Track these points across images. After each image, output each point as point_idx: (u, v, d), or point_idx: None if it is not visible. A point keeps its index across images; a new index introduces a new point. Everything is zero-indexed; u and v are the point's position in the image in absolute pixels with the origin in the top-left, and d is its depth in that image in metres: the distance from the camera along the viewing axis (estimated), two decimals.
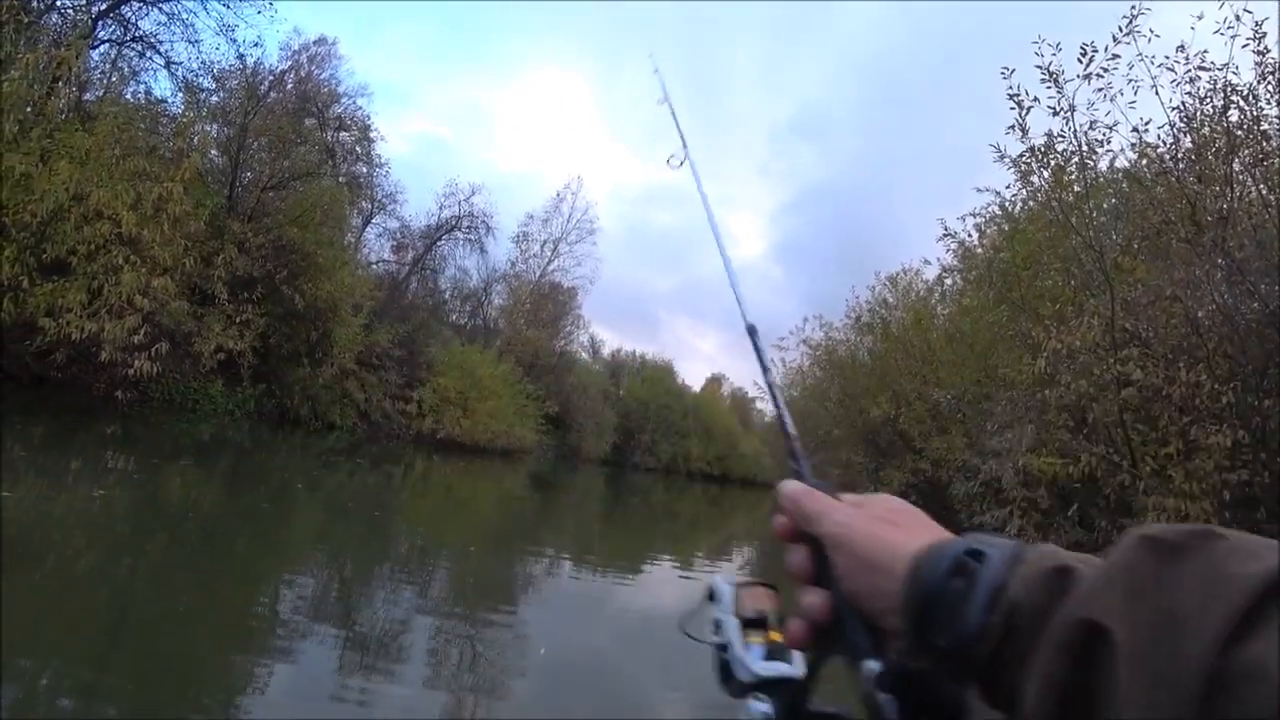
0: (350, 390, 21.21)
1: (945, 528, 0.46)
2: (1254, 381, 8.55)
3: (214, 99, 18.51)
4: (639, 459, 43.13)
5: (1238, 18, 8.41)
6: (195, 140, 16.40)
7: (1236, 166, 8.77)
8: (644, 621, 5.66)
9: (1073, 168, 10.07)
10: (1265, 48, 8.52)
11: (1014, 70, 9.70)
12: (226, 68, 18.52)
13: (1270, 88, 8.61)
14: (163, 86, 27.22)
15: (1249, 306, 8.72)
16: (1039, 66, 9.35)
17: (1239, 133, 8.67)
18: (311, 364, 19.53)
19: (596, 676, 4.18)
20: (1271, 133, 8.78)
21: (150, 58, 17.24)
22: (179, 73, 17.42)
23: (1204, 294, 8.82)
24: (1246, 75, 8.77)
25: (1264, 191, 8.92)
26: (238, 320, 16.55)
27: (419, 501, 11.93)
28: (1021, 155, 10.51)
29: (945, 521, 0.45)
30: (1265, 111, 8.70)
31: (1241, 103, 8.67)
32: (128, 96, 16.74)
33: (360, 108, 25.46)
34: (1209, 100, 8.85)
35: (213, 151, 18.43)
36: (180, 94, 17.58)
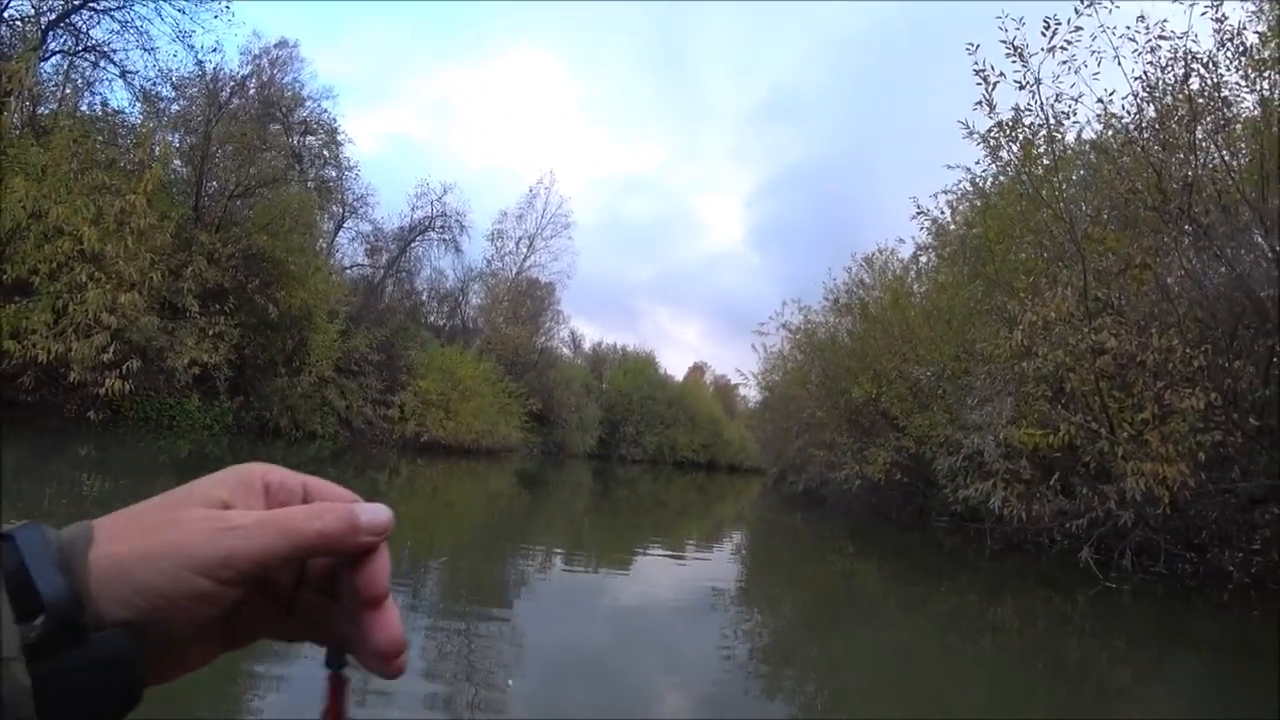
0: (330, 398, 20.96)
1: (930, 503, 0.42)
2: (1224, 344, 8.72)
3: (174, 107, 18.15)
4: (625, 451, 43.17)
5: None
6: (156, 151, 16.05)
7: (1199, 134, 8.91)
8: (638, 612, 5.67)
9: (1041, 141, 10.16)
10: (1223, 15, 8.65)
11: (979, 46, 9.76)
12: (185, 75, 18.16)
13: (1229, 55, 8.75)
14: (119, 97, 26.55)
15: (1216, 271, 8.89)
16: (1004, 41, 9.40)
17: (1200, 100, 8.79)
18: (289, 373, 19.26)
19: (594, 670, 4.17)
20: (1232, 99, 8.92)
21: (105, 67, 16.84)
22: (136, 82, 17.05)
23: (1172, 260, 8.98)
24: (1206, 43, 8.91)
25: (1226, 157, 9.07)
26: (211, 333, 16.26)
27: (406, 505, 11.84)
28: (990, 131, 10.59)
29: (930, 497, 0.43)
30: (1225, 78, 8.84)
31: (1202, 70, 8.80)
32: (83, 108, 16.35)
33: (326, 110, 25.09)
34: (1170, 69, 8.97)
35: (175, 161, 18.06)
36: (138, 104, 17.19)
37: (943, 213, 15.33)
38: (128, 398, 14.01)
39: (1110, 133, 10.11)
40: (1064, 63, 9.28)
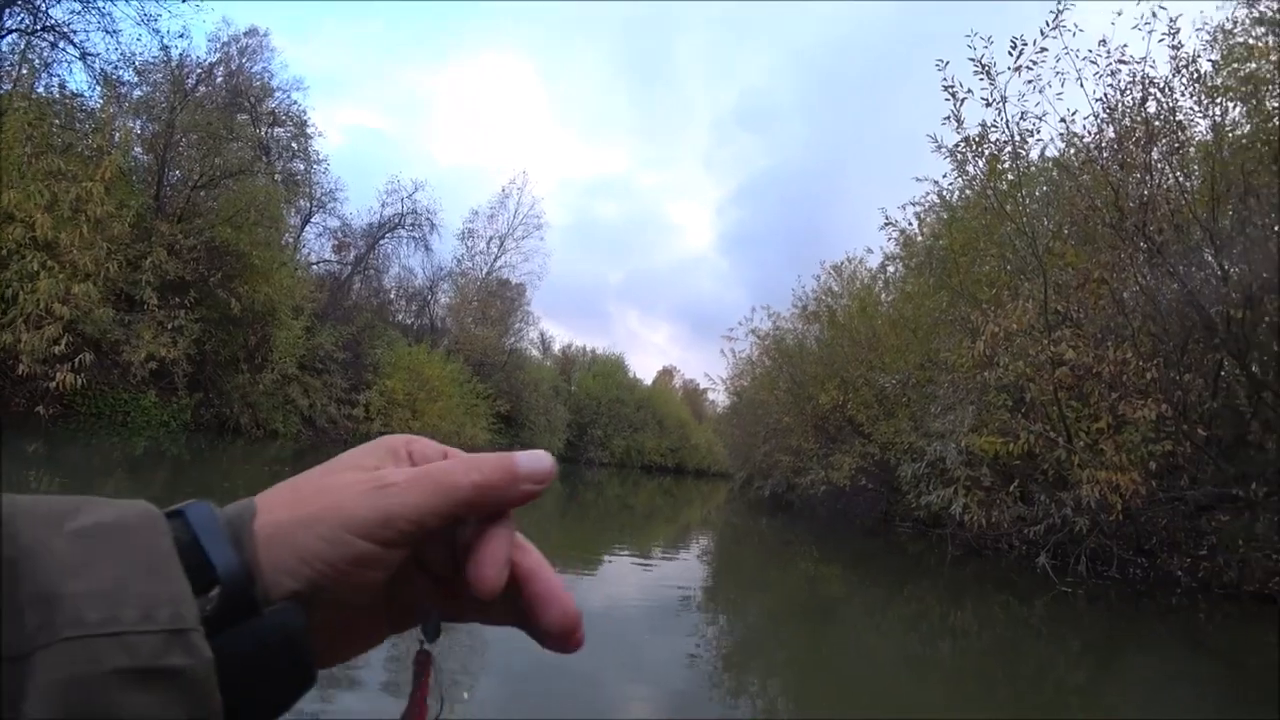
0: (293, 396, 20.52)
1: (894, 508, 0.43)
2: (1175, 357, 9.04)
3: (136, 93, 17.58)
4: (593, 454, 43.07)
5: (1154, 14, 8.86)
6: (116, 137, 15.54)
7: (1155, 155, 9.25)
8: (604, 616, 5.65)
9: (1005, 157, 10.46)
10: (1179, 43, 9.00)
11: (948, 63, 10.01)
12: (149, 60, 17.59)
13: (1184, 81, 9.10)
14: (79, 79, 25.70)
15: (1169, 287, 9.22)
16: (972, 59, 9.66)
17: (1156, 123, 9.14)
18: (251, 370, 18.82)
19: (557, 675, 4.15)
20: (1186, 123, 9.28)
21: (64, 48, 16.23)
22: (96, 65, 16.45)
23: (1128, 276, 9.29)
24: (1163, 69, 9.27)
25: (1180, 179, 9.42)
26: (170, 327, 15.80)
27: None
28: (957, 145, 10.86)
29: (894, 503, 0.44)
30: (1180, 103, 9.19)
31: (1158, 94, 9.15)
32: (40, 90, 15.75)
33: (295, 102, 24.62)
34: (1129, 92, 9.31)
35: (136, 149, 17.53)
36: (98, 87, 16.61)
37: (910, 224, 15.67)
38: (80, 392, 13.54)
39: (1072, 151, 10.44)
40: (1029, 82, 9.59)
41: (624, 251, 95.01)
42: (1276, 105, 8.64)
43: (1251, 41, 9.07)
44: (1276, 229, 8.69)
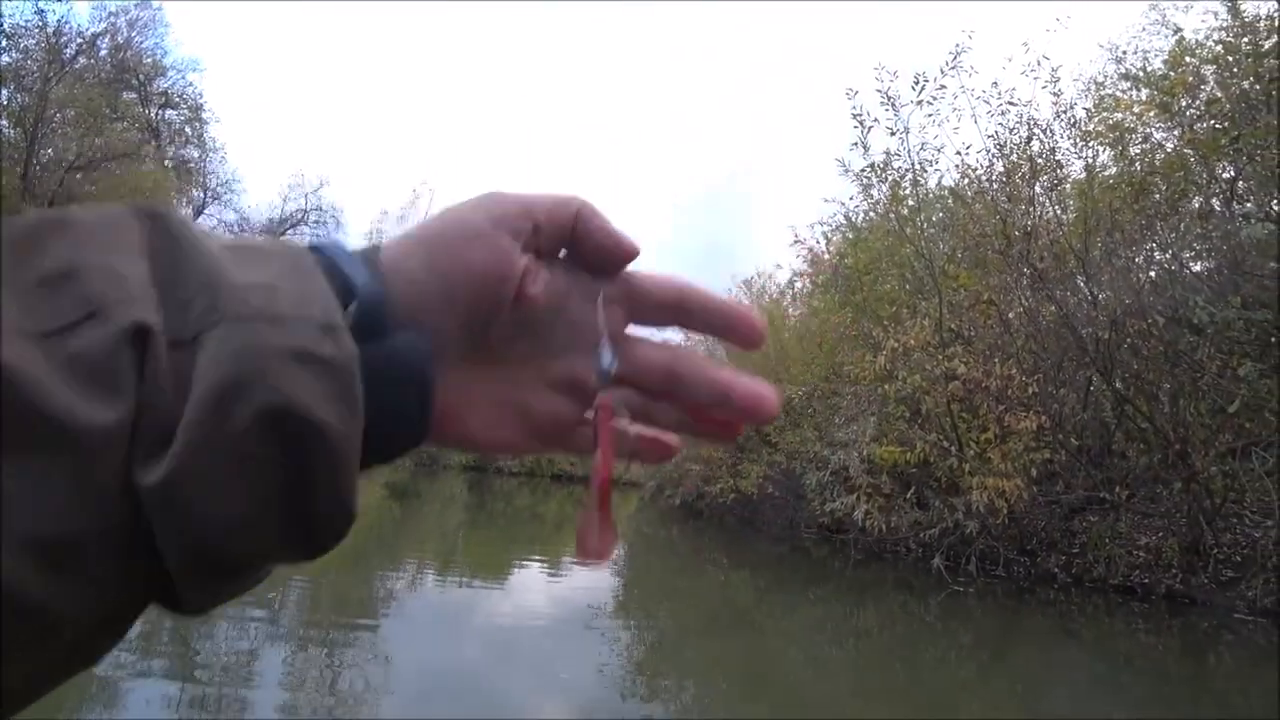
0: None
1: (800, 515, 0.40)
2: (1053, 373, 9.86)
3: (4, 59, 15.94)
4: (502, 463, 42.25)
5: (1038, 62, 9.70)
6: None
7: (1038, 189, 10.11)
8: (513, 628, 5.56)
9: (907, 183, 11.14)
10: (1059, 90, 9.89)
11: (858, 92, 10.57)
12: (21, 24, 16.02)
13: (1063, 125, 10.01)
14: None
15: (1048, 309, 10.05)
16: (879, 90, 10.25)
17: (1039, 160, 9.99)
18: None
19: (466, 688, 4.04)
20: (1064, 162, 10.20)
21: None
22: None
23: (1013, 298, 10.07)
24: (1045, 111, 10.15)
25: (1058, 212, 10.32)
26: None
27: None
28: (863, 170, 11.47)
29: (800, 510, 0.42)
30: (1059, 144, 10.10)
31: (1041, 135, 10.01)
32: None
33: (191, 84, 23.02)
34: (1016, 131, 10.14)
35: (2, 121, 15.89)
36: None
37: (818, 242, 16.37)
38: None
39: (965, 182, 11.25)
40: (930, 115, 10.27)
41: None
42: (1138, 151, 9.65)
43: (1119, 94, 10.10)
44: (1136, 261, 9.67)
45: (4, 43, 15.61)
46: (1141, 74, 9.86)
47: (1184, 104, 8.99)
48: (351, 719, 3.40)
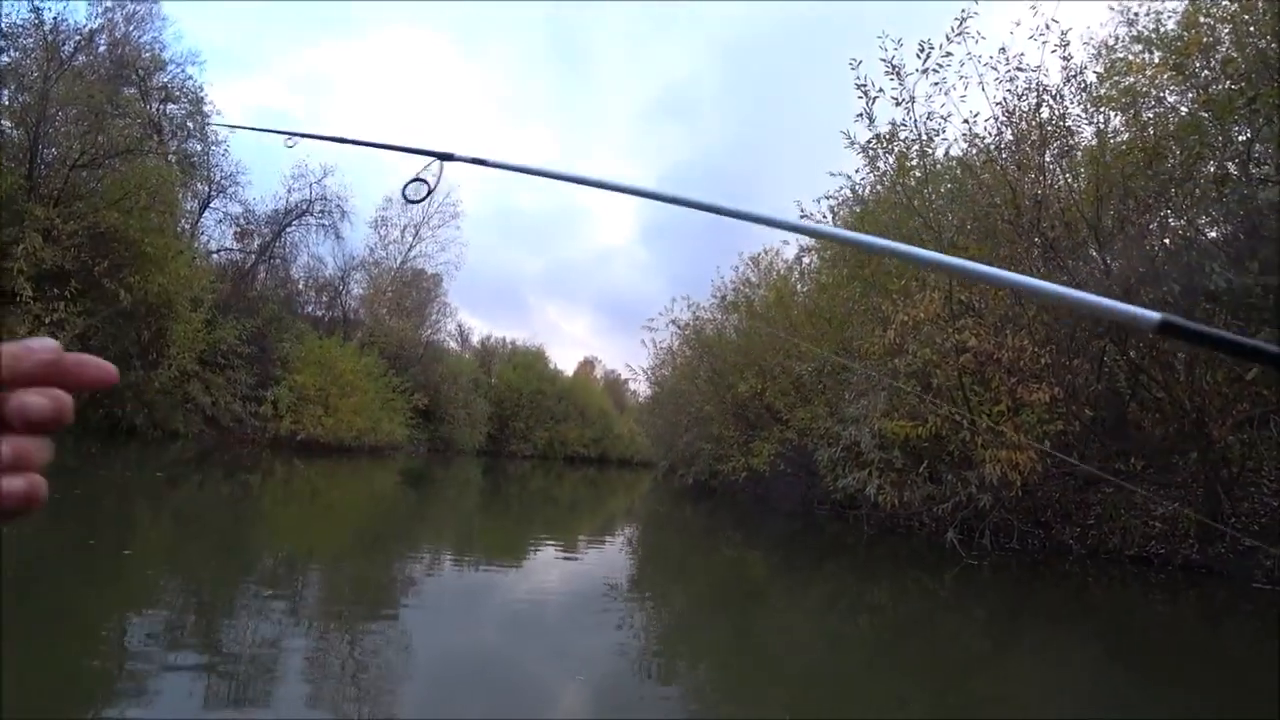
0: (193, 393, 19.30)
1: (813, 492, 0.43)
2: (1065, 344, 9.75)
3: (3, 59, 15.93)
4: (515, 446, 42.54)
5: (1047, 26, 9.46)
6: None
7: (1047, 157, 9.92)
8: (530, 609, 5.62)
9: (914, 155, 10.96)
10: (1069, 54, 9.65)
11: (861, 62, 10.37)
12: (18, 22, 15.99)
13: (1073, 90, 9.78)
14: None
15: (1059, 279, 9.90)
16: (884, 60, 10.05)
17: (1049, 127, 9.79)
18: (145, 366, 17.53)
19: (485, 671, 4.10)
20: (1074, 129, 9.98)
21: None
22: None
23: (1024, 268, 9.93)
24: (1055, 77, 9.93)
25: (1069, 179, 10.13)
26: (48, 321, 14.51)
27: (283, 509, 11.10)
28: (869, 142, 11.29)
29: (813, 487, 0.45)
30: (1069, 110, 9.88)
31: (1051, 101, 9.79)
32: None
33: (191, 77, 22.97)
34: (1025, 98, 9.93)
35: (4, 121, 15.92)
36: None
37: (825, 217, 16.18)
38: None
39: (974, 151, 11.05)
40: (936, 84, 10.07)
41: (543, 241, 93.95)
42: (1151, 116, 9.42)
43: (1130, 57, 9.84)
44: (1150, 228, 9.50)
45: (2, 43, 15.58)
46: (1154, 35, 9.59)
47: (1198, 65, 8.76)
48: (375, 702, 3.45)
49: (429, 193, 1.03)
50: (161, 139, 21.17)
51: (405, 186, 1.03)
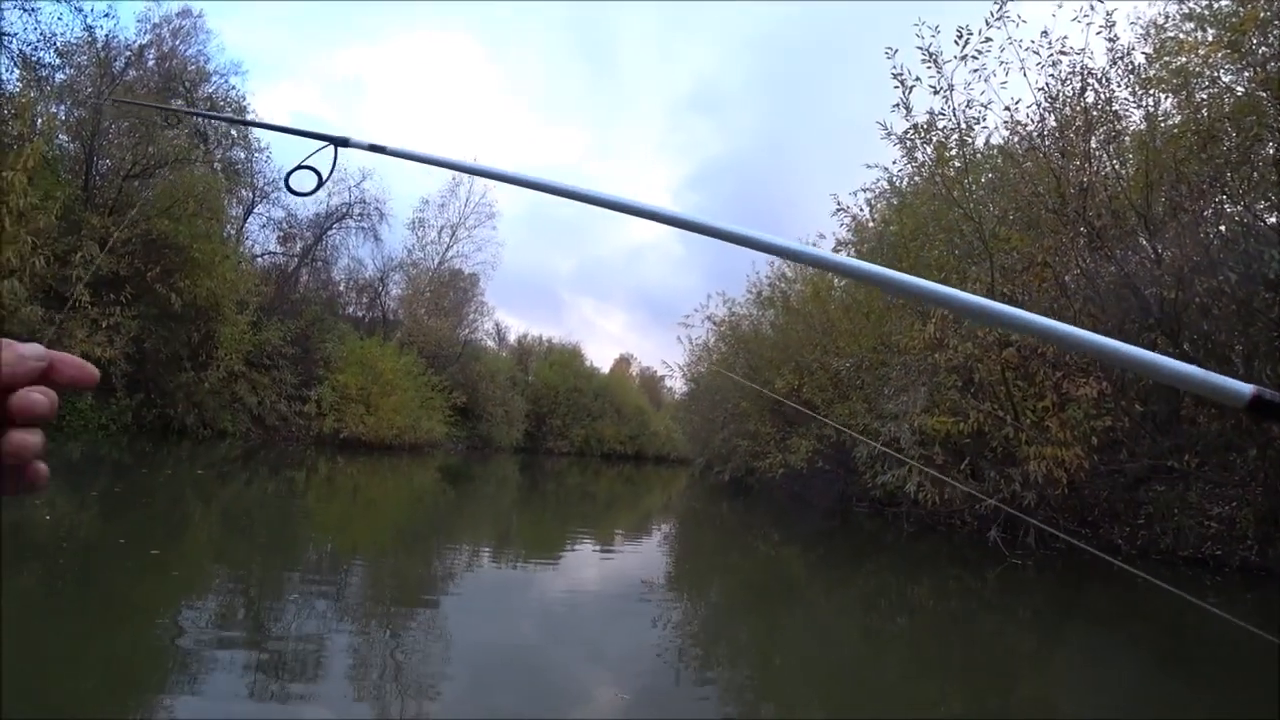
0: (240, 393, 19.89)
1: (851, 489, 0.42)
2: (1114, 336, 9.40)
3: (59, 76, 16.62)
4: (552, 444, 42.87)
5: (1091, 7, 9.15)
6: (38, 123, 14.70)
7: (1093, 143, 9.60)
8: (568, 606, 5.67)
9: (953, 144, 10.70)
10: (1115, 36, 9.32)
11: (897, 51, 10.17)
12: (72, 41, 16.64)
13: (1120, 72, 9.44)
14: None
15: (1107, 270, 9.60)
16: (920, 48, 9.83)
17: (1095, 112, 9.47)
18: (195, 368, 18.14)
19: (523, 667, 4.14)
20: (1122, 113, 9.64)
21: None
22: (14, 45, 15.51)
23: (1069, 259, 9.64)
24: (1100, 60, 9.60)
25: (1117, 166, 9.79)
26: (105, 325, 15.11)
27: (327, 505, 11.39)
28: (906, 132, 11.06)
29: (851, 483, 0.43)
30: (1116, 93, 9.54)
31: (1096, 85, 9.47)
32: None
33: (234, 87, 23.60)
34: (1069, 82, 9.62)
35: (61, 136, 16.60)
36: (16, 70, 15.66)
37: (862, 210, 15.91)
38: None
39: (1015, 139, 10.75)
40: (975, 71, 9.81)
41: (578, 239, 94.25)
42: (1205, 97, 9.05)
43: (1182, 36, 9.46)
44: (1205, 215, 9.13)
45: (58, 61, 16.21)
46: (1207, 12, 9.19)
47: (1255, 42, 8.37)
48: (416, 698, 3.52)
49: (319, 184, 0.95)
50: (207, 148, 21.85)
51: (288, 175, 0.94)
